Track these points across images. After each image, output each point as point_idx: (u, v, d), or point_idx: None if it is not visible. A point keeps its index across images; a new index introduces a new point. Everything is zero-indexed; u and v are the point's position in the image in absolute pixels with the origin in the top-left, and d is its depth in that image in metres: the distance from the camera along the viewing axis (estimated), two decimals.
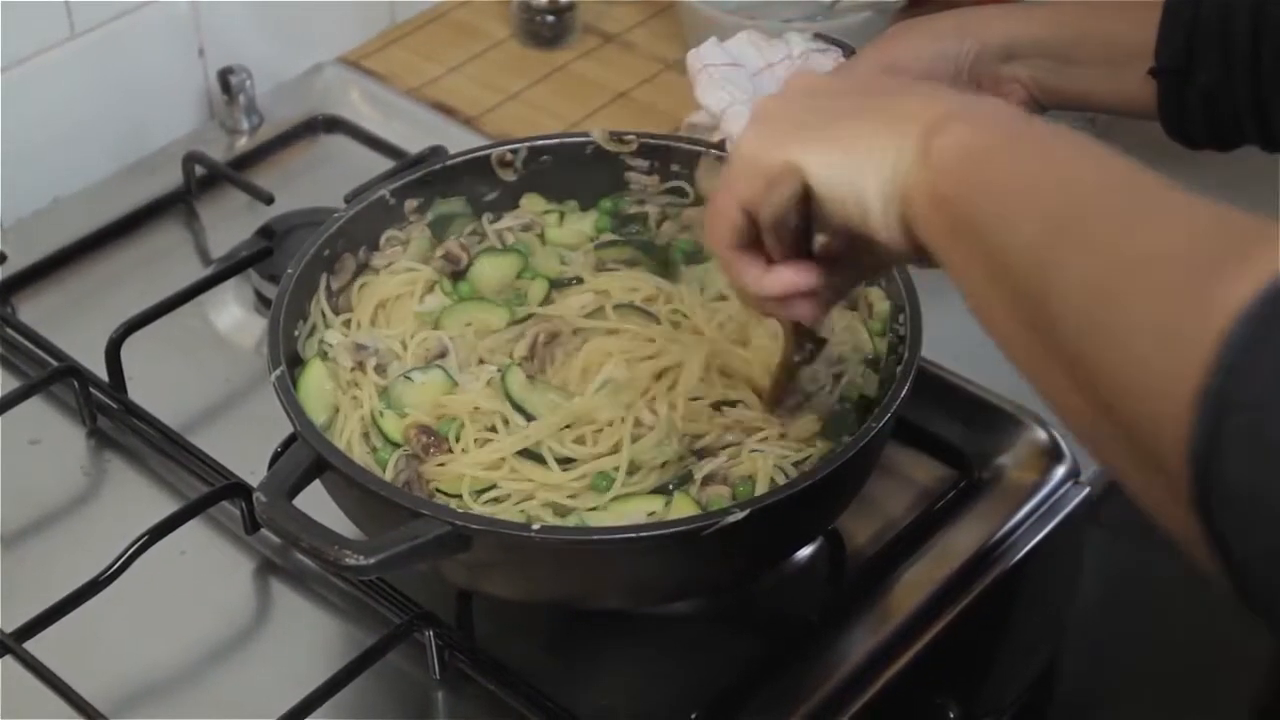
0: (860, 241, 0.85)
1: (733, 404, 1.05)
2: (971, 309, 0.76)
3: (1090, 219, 0.68)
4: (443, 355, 1.08)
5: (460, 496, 1.00)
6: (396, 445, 1.03)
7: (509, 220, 1.18)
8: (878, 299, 1.09)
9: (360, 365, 1.07)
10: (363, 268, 1.14)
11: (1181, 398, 0.57)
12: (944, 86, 0.83)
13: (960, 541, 1.10)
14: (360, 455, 1.02)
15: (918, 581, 1.08)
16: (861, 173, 0.80)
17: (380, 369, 1.07)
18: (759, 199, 0.85)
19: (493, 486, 1.01)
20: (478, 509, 0.99)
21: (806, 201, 0.84)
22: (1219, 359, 0.56)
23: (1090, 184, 0.71)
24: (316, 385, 1.06)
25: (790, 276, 0.89)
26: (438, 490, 1.01)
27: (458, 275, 1.15)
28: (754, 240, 0.88)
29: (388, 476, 1.00)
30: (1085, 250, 0.66)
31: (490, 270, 1.15)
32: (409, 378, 1.06)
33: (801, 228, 0.86)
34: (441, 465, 1.02)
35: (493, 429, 1.04)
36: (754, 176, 0.85)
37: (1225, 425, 0.56)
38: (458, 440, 1.03)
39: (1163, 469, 0.59)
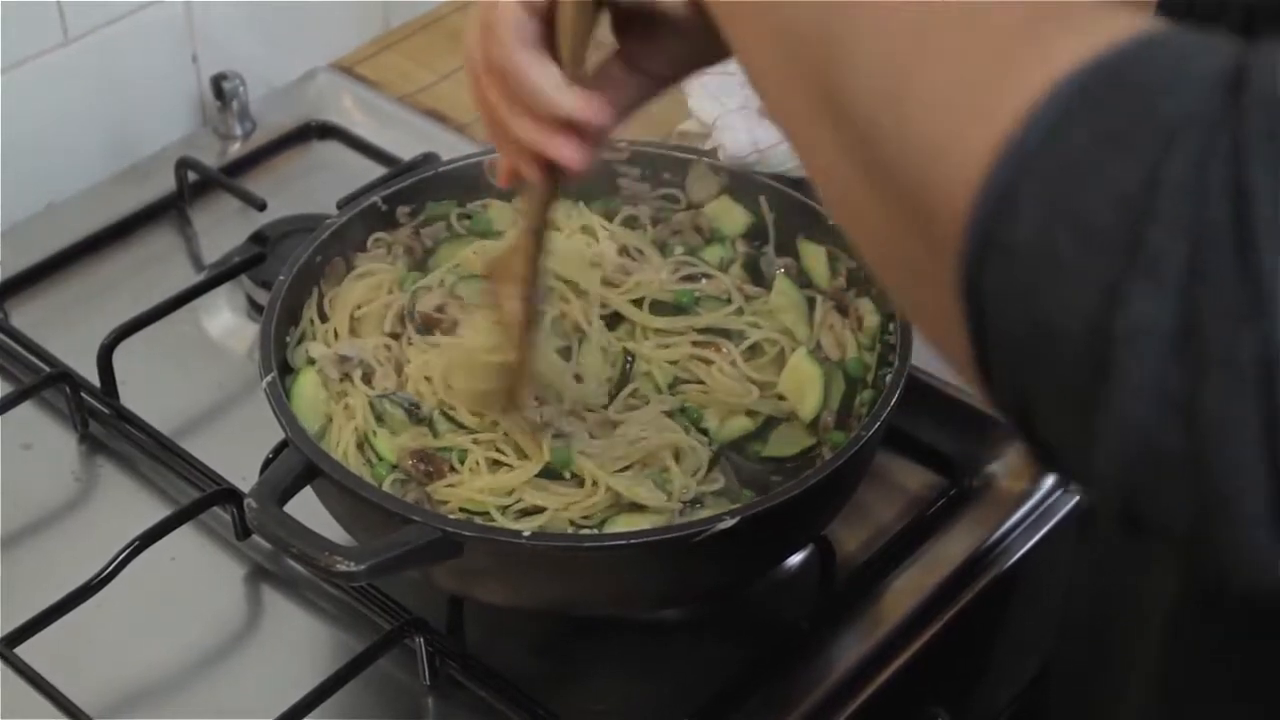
0: (626, 52, 0.80)
1: None
2: (752, 83, 0.69)
3: None
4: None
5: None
6: (393, 464, 1.03)
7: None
8: (868, 312, 1.09)
9: (348, 376, 1.07)
10: (350, 272, 1.15)
11: (975, 159, 0.53)
12: None
13: (950, 549, 1.11)
14: (356, 466, 1.02)
15: (908, 589, 1.08)
16: None
17: (367, 379, 1.07)
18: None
19: (518, 500, 1.02)
20: (518, 525, 1.00)
21: None
22: (1030, 118, 0.52)
23: None
24: (309, 394, 1.06)
25: (581, 100, 0.81)
26: (461, 509, 1.01)
27: (417, 267, 1.16)
28: (540, 39, 0.81)
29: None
30: (881, 9, 0.60)
31: (449, 257, 1.16)
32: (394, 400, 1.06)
33: (590, 25, 0.80)
34: (451, 487, 1.02)
35: (499, 450, 1.04)
36: None
37: (1019, 185, 0.52)
38: (461, 463, 1.03)
39: (936, 234, 0.55)
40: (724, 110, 1.12)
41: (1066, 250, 0.50)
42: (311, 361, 1.08)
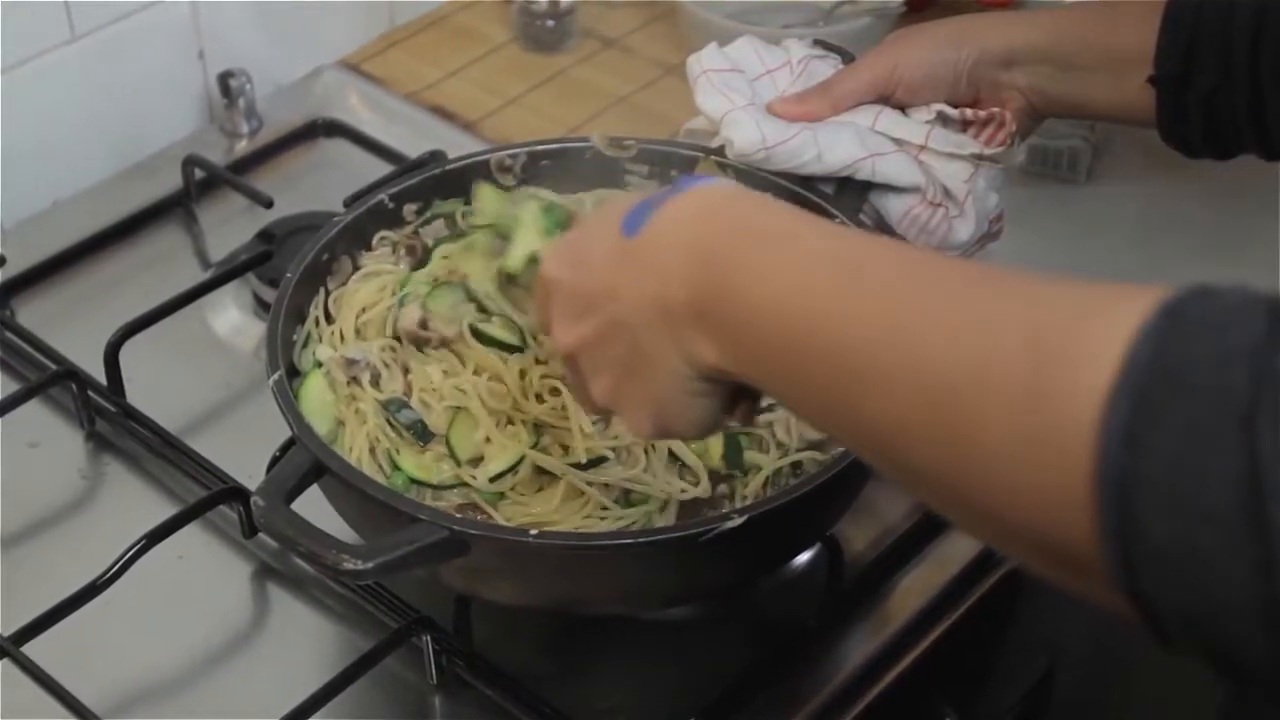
0: None
1: None
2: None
3: (880, 357, 0.66)
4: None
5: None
6: (414, 479, 1.03)
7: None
8: None
9: (355, 380, 1.06)
10: (356, 272, 1.14)
11: (1075, 496, 0.57)
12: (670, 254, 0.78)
13: (958, 547, 1.10)
14: (370, 471, 1.02)
15: (916, 587, 1.08)
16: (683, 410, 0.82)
17: (375, 382, 1.07)
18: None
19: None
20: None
21: None
22: (1104, 443, 0.56)
23: (856, 309, 0.69)
24: (318, 396, 1.05)
25: None
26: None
27: (419, 266, 1.15)
28: None
29: None
30: (892, 396, 0.65)
31: (442, 256, 1.15)
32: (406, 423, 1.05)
33: None
34: (522, 507, 1.02)
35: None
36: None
37: (1134, 504, 0.56)
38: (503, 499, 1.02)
39: (1079, 566, 0.59)
40: (732, 107, 1.11)
41: (1205, 545, 0.54)
42: (319, 364, 1.07)
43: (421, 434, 1.03)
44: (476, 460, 1.03)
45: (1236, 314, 0.56)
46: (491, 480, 1.01)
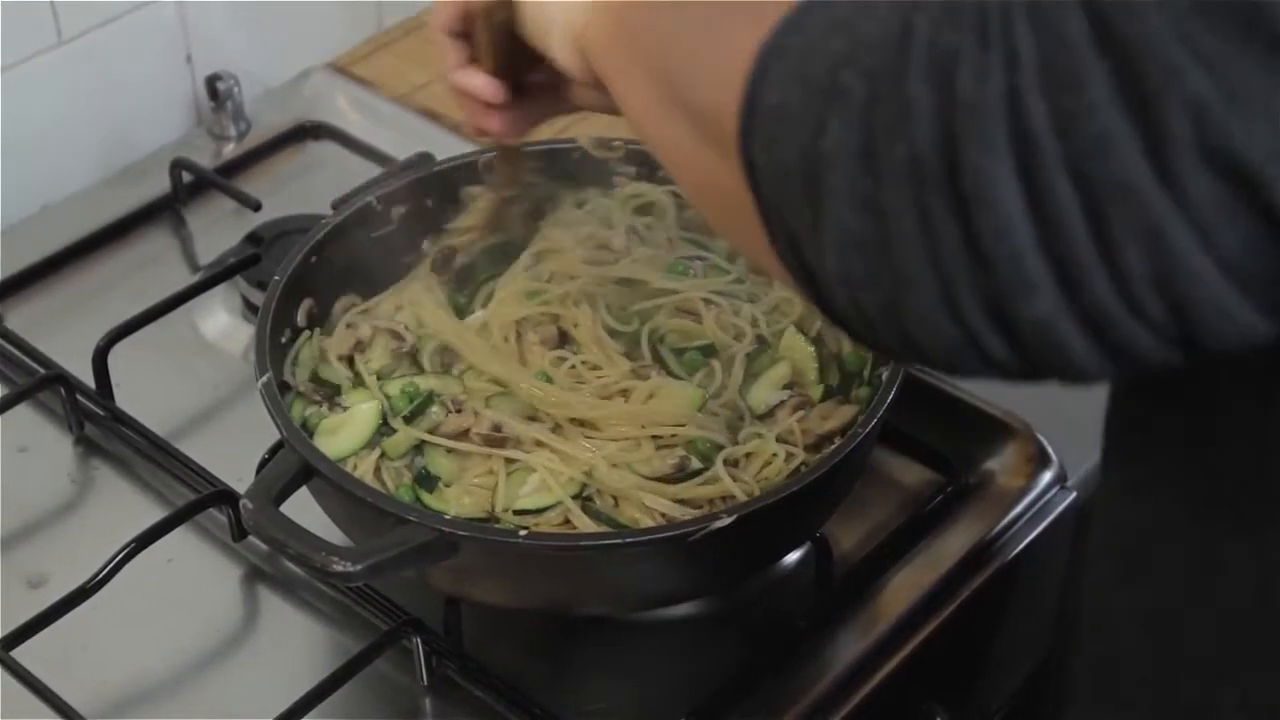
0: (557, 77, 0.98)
1: None
2: (625, 113, 0.84)
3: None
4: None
5: None
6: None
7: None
8: None
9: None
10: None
11: (744, 61, 0.64)
12: None
13: (947, 546, 1.11)
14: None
15: (905, 586, 1.08)
16: (554, 12, 0.94)
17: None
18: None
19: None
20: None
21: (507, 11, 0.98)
22: (783, 21, 0.64)
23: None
24: (366, 424, 1.06)
25: (477, 80, 1.03)
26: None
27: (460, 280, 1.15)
28: (466, 31, 1.02)
29: None
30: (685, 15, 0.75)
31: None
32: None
33: (506, 41, 1.00)
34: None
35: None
36: None
37: (770, 67, 0.63)
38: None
39: (717, 130, 0.67)
40: None
41: (794, 102, 0.61)
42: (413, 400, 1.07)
43: (425, 481, 1.03)
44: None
45: None
46: (515, 513, 1.00)
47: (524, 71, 1.03)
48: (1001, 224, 0.56)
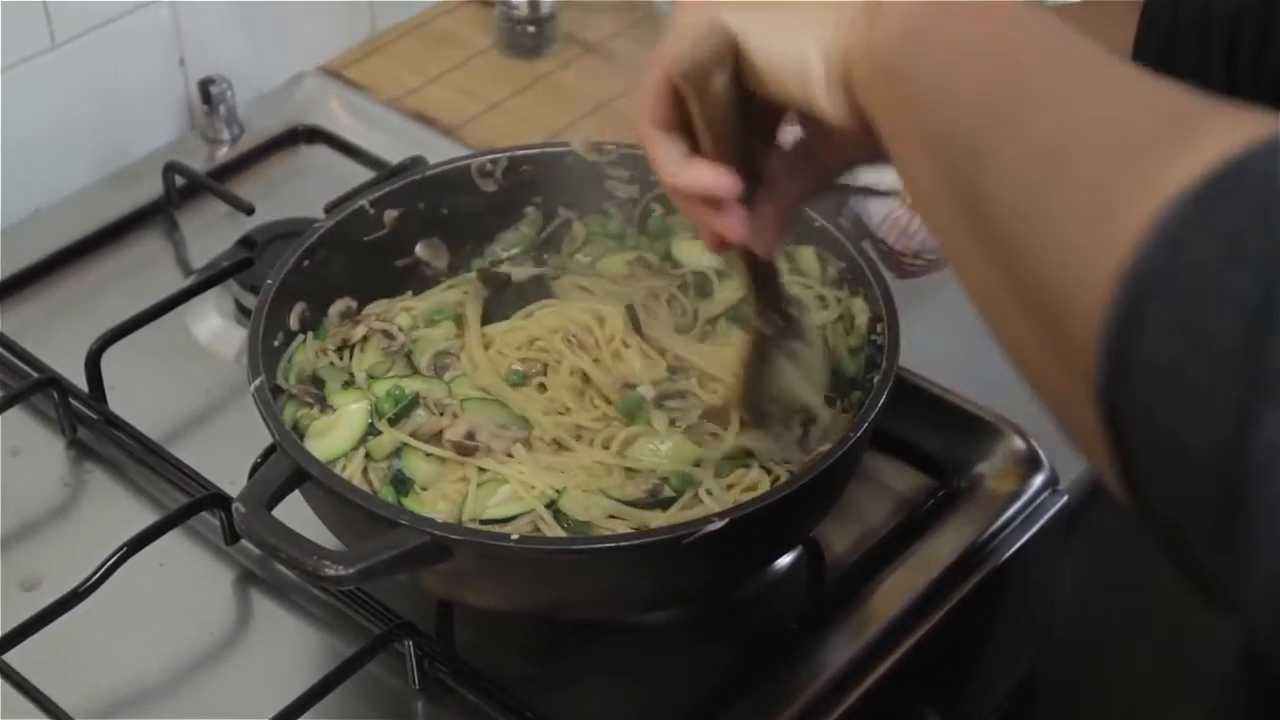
0: (803, 144, 0.82)
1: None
2: (908, 190, 0.73)
3: (1028, 90, 0.64)
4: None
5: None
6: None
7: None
8: (860, 311, 1.09)
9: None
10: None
11: (1104, 277, 0.53)
12: None
13: (939, 550, 1.11)
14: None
15: (897, 590, 1.09)
16: (803, 34, 0.76)
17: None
18: (685, 63, 0.79)
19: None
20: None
21: (738, 80, 0.78)
22: (1152, 235, 0.52)
23: (1033, 53, 0.67)
24: (353, 425, 1.06)
25: (704, 171, 0.83)
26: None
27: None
28: (681, 121, 0.83)
29: None
30: (1021, 123, 0.63)
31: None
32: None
33: (735, 117, 0.80)
34: None
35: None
36: (683, 39, 0.79)
37: (1147, 304, 0.52)
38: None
39: (1073, 356, 0.56)
40: None
41: (1194, 368, 0.50)
42: (397, 396, 1.07)
43: (400, 484, 1.03)
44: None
45: None
46: (483, 523, 1.00)
47: (758, 156, 0.84)
48: None
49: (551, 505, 1.00)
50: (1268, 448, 0.47)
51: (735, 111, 0.80)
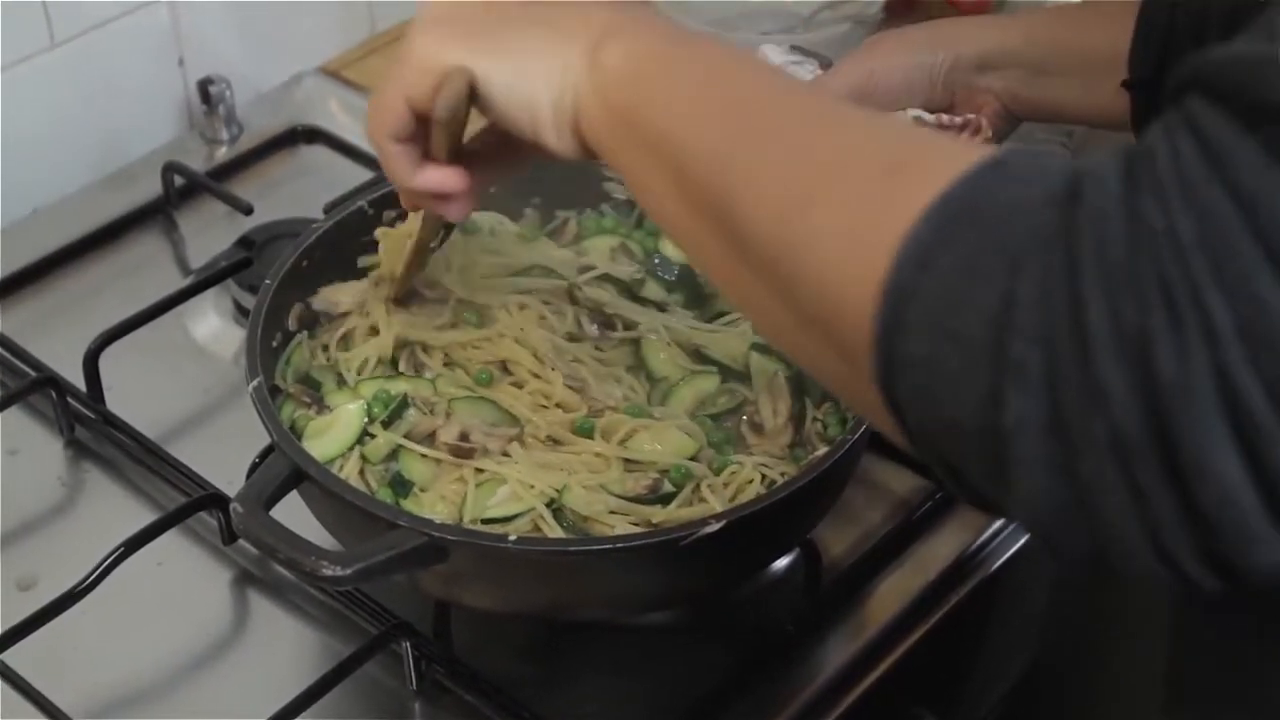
0: (515, 141, 0.88)
1: None
2: (654, 219, 0.81)
3: (772, 124, 0.73)
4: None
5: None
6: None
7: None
8: None
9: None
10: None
11: (868, 291, 0.63)
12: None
13: (937, 552, 1.11)
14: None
15: (894, 591, 1.09)
16: (533, 85, 0.83)
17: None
18: (426, 98, 0.87)
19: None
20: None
21: (470, 103, 0.86)
22: (901, 255, 0.62)
23: (764, 94, 0.76)
24: (348, 426, 1.06)
25: (441, 177, 0.91)
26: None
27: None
28: (411, 134, 0.90)
29: None
30: (771, 153, 0.72)
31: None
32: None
33: (462, 132, 0.90)
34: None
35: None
36: (424, 74, 0.86)
37: (906, 312, 0.62)
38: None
39: (852, 356, 0.65)
40: None
41: (951, 363, 0.61)
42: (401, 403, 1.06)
43: (399, 486, 1.03)
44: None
45: (1042, 172, 0.61)
46: (484, 523, 1.00)
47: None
48: (1225, 493, 0.56)
49: (552, 504, 1.00)
50: (1016, 417, 0.58)
51: (463, 129, 0.90)
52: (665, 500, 1.00)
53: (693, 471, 1.02)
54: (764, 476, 1.02)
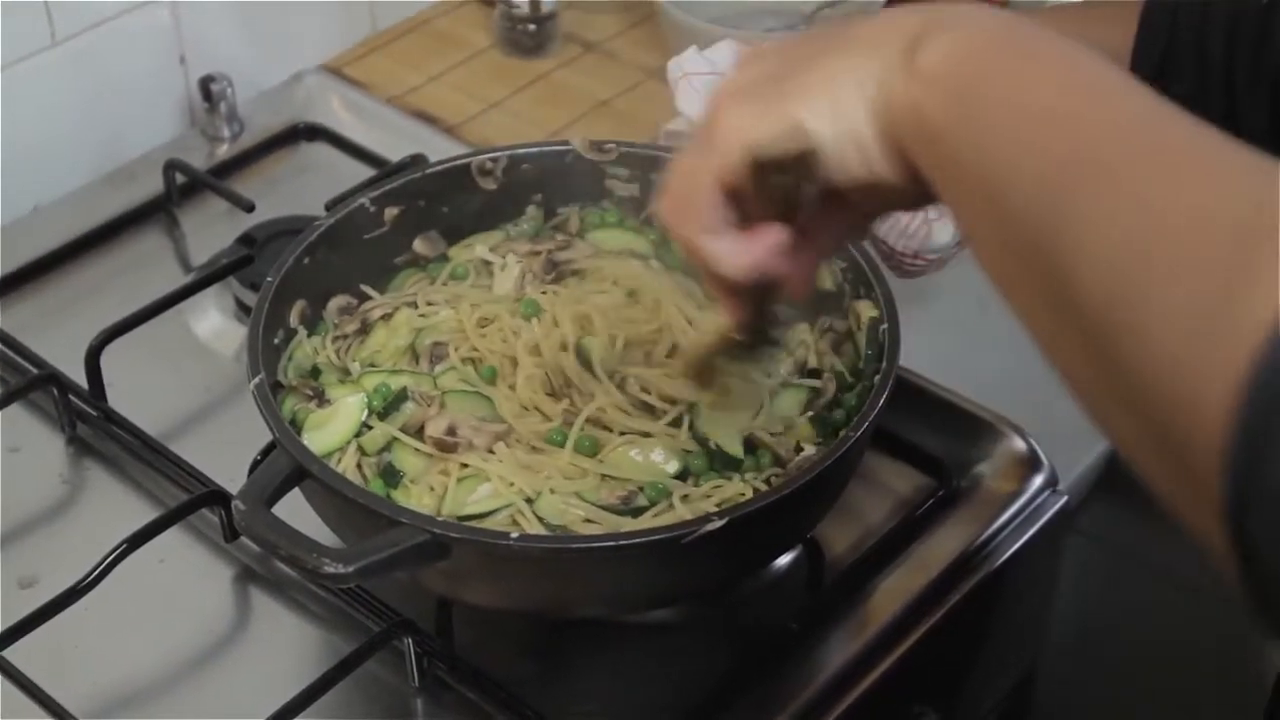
0: (838, 193, 0.77)
1: None
2: (974, 252, 0.68)
3: (1114, 161, 0.60)
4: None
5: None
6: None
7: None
8: (866, 309, 1.09)
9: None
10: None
11: (1221, 394, 0.51)
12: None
13: (938, 550, 1.11)
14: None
15: (896, 590, 1.09)
16: (852, 111, 0.72)
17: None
18: (741, 176, 0.77)
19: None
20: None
21: (804, 167, 0.75)
22: (1268, 352, 0.50)
23: (1109, 114, 0.63)
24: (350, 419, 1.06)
25: (772, 236, 0.80)
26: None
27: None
28: (730, 223, 0.81)
29: None
30: (1110, 201, 0.59)
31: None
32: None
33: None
34: None
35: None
36: (734, 151, 0.77)
37: (1273, 427, 0.49)
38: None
39: (1192, 470, 0.53)
40: None
41: None
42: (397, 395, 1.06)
43: (389, 476, 1.03)
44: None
45: None
46: (460, 519, 1.00)
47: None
48: None
49: (529, 502, 1.00)
50: None
51: (797, 197, 0.78)
52: (636, 513, 1.00)
53: (668, 489, 1.01)
54: (755, 490, 1.02)
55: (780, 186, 0.77)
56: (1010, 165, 0.64)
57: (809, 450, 1.03)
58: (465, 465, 1.02)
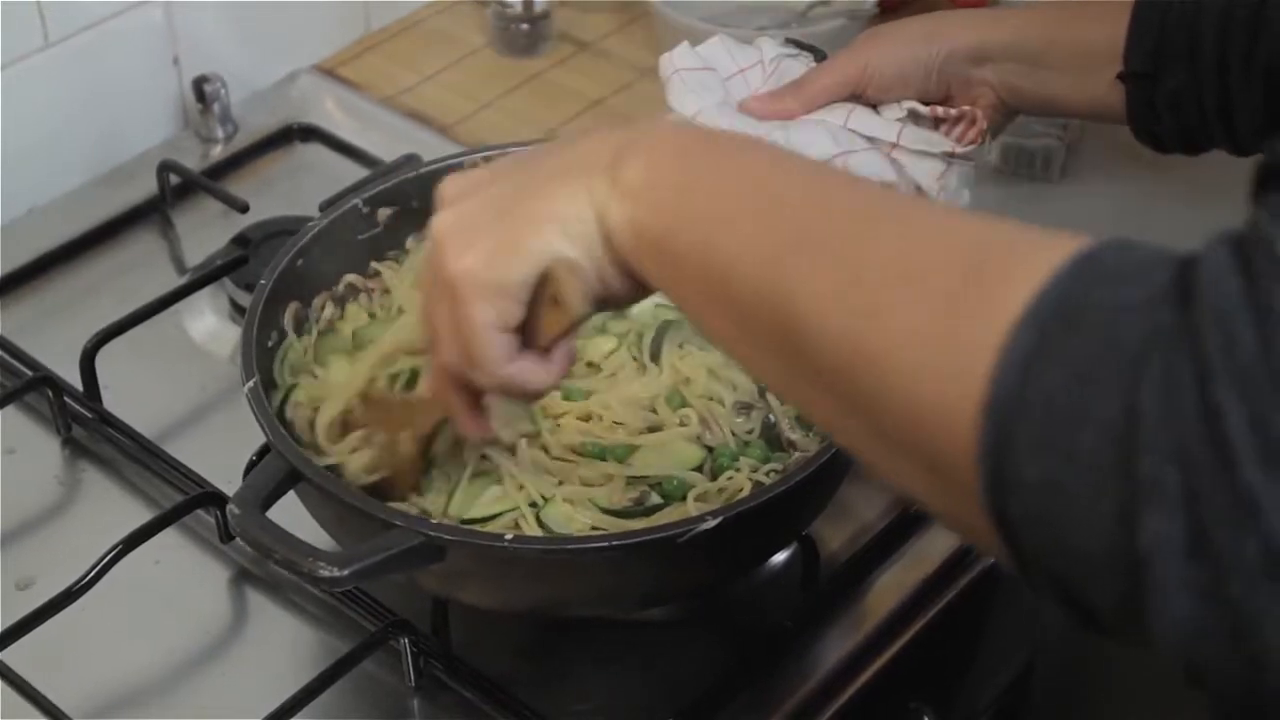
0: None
1: None
2: (710, 341, 0.76)
3: (826, 234, 0.68)
4: None
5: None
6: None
7: None
8: None
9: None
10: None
11: (966, 408, 0.58)
12: (614, 125, 0.81)
13: (934, 546, 1.11)
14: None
15: (892, 586, 1.09)
16: (580, 233, 0.78)
17: None
18: (513, 313, 0.82)
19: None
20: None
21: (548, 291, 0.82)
22: (1000, 368, 0.58)
23: (808, 193, 0.71)
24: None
25: (534, 371, 0.86)
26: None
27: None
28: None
29: None
30: (829, 268, 0.66)
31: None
32: None
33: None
34: None
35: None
36: (497, 296, 0.82)
37: (1014, 430, 0.57)
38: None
39: (951, 478, 0.61)
40: (704, 105, 1.11)
41: (1071, 484, 0.56)
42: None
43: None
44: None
45: (1144, 267, 0.57)
46: (462, 521, 1.00)
47: None
48: None
49: (534, 507, 1.00)
50: (1151, 541, 0.53)
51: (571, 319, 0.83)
52: (650, 512, 1.00)
53: (689, 481, 1.02)
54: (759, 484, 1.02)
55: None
56: (732, 257, 0.70)
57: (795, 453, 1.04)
58: (484, 458, 1.02)
